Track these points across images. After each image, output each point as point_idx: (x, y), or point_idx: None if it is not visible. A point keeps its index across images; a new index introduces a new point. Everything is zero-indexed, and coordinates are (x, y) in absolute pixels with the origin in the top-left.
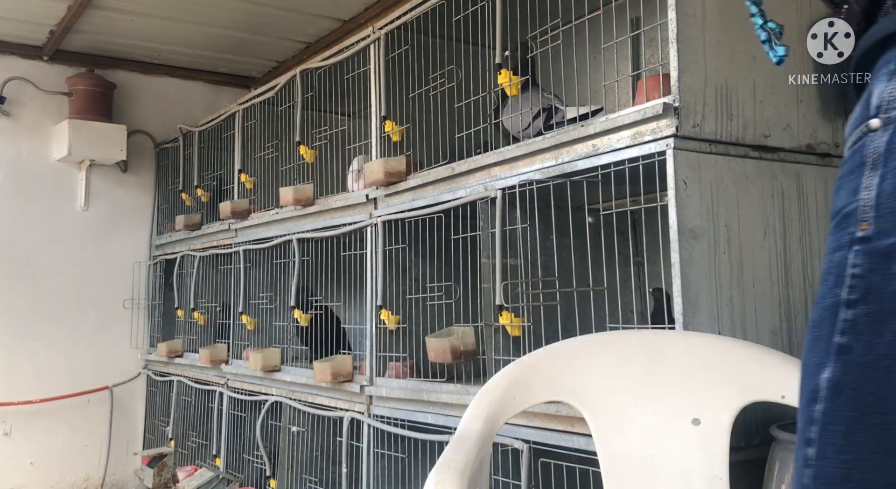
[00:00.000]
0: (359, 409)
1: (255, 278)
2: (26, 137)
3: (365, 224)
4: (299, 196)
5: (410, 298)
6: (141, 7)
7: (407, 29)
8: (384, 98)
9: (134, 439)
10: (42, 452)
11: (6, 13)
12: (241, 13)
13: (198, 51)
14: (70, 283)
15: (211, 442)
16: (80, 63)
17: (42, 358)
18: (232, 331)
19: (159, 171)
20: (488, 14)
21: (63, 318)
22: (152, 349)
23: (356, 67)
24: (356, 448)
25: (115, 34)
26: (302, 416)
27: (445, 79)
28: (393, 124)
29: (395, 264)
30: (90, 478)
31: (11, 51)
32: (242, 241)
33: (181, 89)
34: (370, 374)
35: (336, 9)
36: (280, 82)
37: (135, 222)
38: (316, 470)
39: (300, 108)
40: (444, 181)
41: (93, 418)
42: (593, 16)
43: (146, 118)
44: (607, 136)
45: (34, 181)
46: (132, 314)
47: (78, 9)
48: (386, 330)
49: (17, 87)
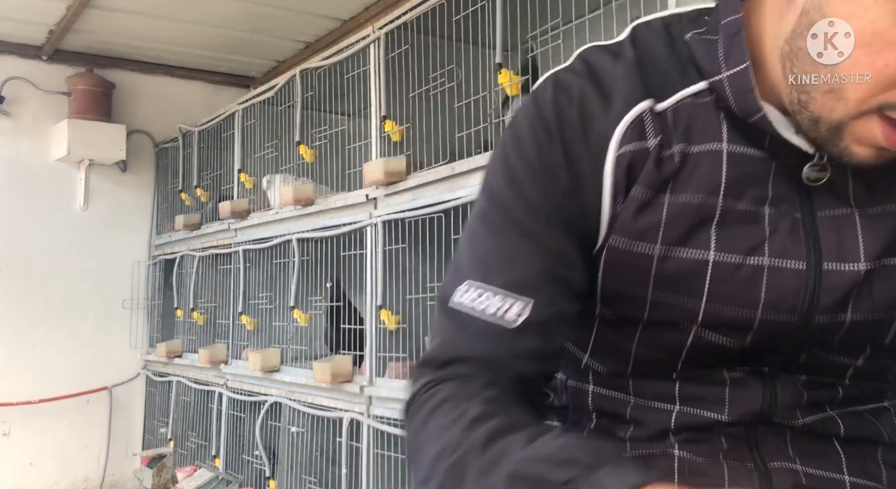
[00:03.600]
0: (358, 410)
1: (254, 278)
2: (25, 137)
3: (365, 224)
4: (299, 196)
5: (410, 298)
6: (141, 7)
7: (407, 29)
8: (384, 98)
9: (133, 440)
10: (41, 453)
11: (6, 13)
12: (241, 13)
13: (197, 50)
14: (69, 283)
15: (210, 442)
16: (79, 63)
17: (41, 358)
18: (231, 331)
19: (159, 171)
20: (488, 14)
21: (62, 318)
22: (151, 349)
23: (356, 67)
24: (356, 448)
25: (114, 34)
26: (301, 417)
27: (445, 79)
28: (393, 124)
29: (395, 264)
30: (89, 479)
31: (11, 50)
32: (242, 241)
33: (181, 89)
34: (370, 375)
35: (336, 9)
36: (280, 82)
37: (134, 222)
38: (316, 470)
39: (300, 107)
40: (444, 181)
41: (92, 419)
42: (593, 15)
43: (146, 118)
44: None
45: (33, 181)
46: (131, 314)
47: (77, 8)
48: (386, 330)
49: (16, 86)
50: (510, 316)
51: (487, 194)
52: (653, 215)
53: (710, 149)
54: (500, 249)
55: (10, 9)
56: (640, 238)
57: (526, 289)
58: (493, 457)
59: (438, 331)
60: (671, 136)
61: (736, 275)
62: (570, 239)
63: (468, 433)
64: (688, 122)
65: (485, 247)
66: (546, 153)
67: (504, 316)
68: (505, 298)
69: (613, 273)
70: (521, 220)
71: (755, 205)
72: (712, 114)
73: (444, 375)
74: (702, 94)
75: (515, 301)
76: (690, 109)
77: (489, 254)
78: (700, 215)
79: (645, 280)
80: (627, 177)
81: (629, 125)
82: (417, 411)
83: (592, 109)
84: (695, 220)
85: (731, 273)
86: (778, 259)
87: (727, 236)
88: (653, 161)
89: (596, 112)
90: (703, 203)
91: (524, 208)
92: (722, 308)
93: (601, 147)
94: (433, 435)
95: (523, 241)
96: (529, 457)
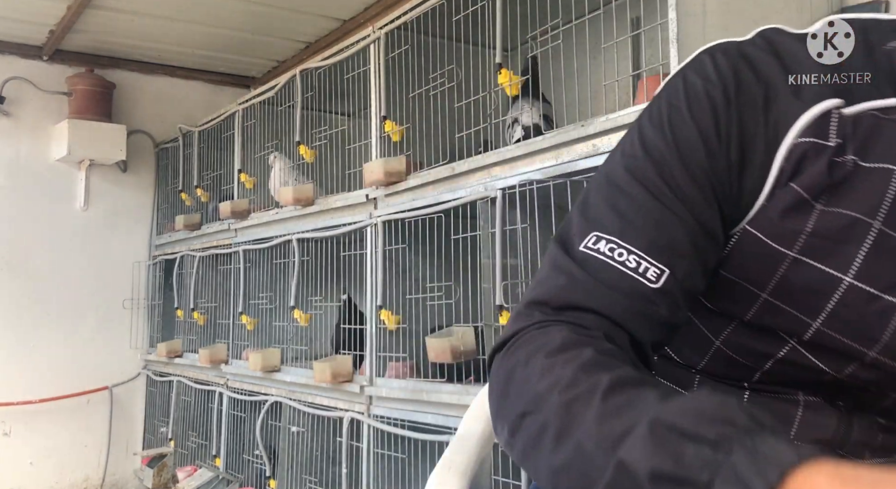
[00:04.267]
0: (359, 410)
1: (254, 278)
2: (26, 137)
3: (365, 224)
4: (299, 196)
5: (410, 298)
6: (141, 7)
7: (407, 29)
8: (384, 98)
9: (133, 439)
10: (42, 452)
11: (6, 13)
12: (241, 13)
13: (198, 50)
14: (70, 283)
15: (211, 442)
16: (79, 63)
17: (41, 358)
18: (231, 331)
19: (159, 171)
20: (488, 14)
21: (63, 318)
22: (152, 349)
23: (356, 67)
24: (356, 448)
25: (114, 34)
26: (302, 417)
27: (445, 79)
28: (393, 124)
29: (395, 264)
30: (90, 479)
31: (11, 50)
32: (242, 241)
33: (181, 89)
34: (370, 374)
35: (336, 9)
36: (280, 82)
37: (134, 222)
38: (316, 470)
39: (300, 107)
40: (444, 181)
41: (92, 418)
42: (593, 16)
43: (146, 118)
44: (608, 135)
45: (34, 181)
46: (132, 314)
47: (78, 8)
48: (386, 330)
49: (16, 86)
50: (651, 275)
51: (640, 147)
52: (801, 220)
53: (884, 167)
54: (648, 208)
55: (11, 9)
56: (780, 236)
57: (667, 256)
58: (620, 403)
59: (556, 273)
60: (848, 143)
61: (866, 307)
62: (720, 214)
63: (586, 376)
64: (868, 135)
65: (628, 203)
66: (720, 119)
67: (645, 274)
68: (642, 259)
69: (737, 262)
70: (676, 181)
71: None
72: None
73: (561, 318)
74: (891, 111)
75: (652, 266)
76: (874, 122)
77: (632, 210)
78: (850, 233)
79: (767, 280)
80: (795, 170)
81: (816, 118)
82: (521, 347)
83: (777, 89)
84: (843, 237)
85: (863, 302)
86: None
87: (873, 264)
88: (826, 162)
89: (781, 93)
90: (857, 221)
91: (682, 168)
92: (835, 334)
93: (780, 131)
94: (539, 370)
95: (676, 204)
96: (676, 409)
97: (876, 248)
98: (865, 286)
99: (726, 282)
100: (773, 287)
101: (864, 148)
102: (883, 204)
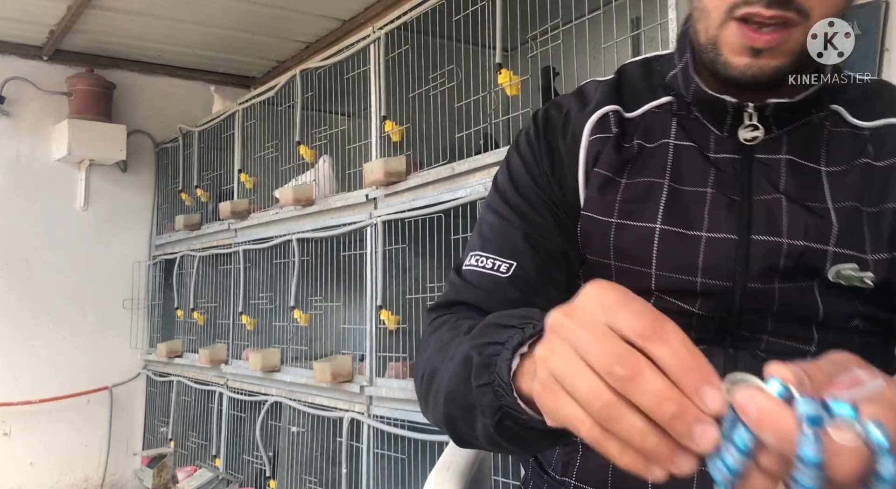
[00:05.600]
0: (359, 410)
1: (254, 278)
2: (26, 137)
3: (365, 224)
4: (299, 196)
5: (410, 298)
6: (141, 7)
7: (407, 29)
8: (384, 98)
9: (133, 439)
10: (42, 452)
11: (6, 13)
12: (241, 13)
13: (198, 51)
14: (70, 283)
15: (211, 442)
16: (79, 63)
17: (42, 358)
18: (231, 331)
19: (159, 171)
20: (488, 14)
21: (63, 318)
22: (152, 349)
23: (356, 67)
24: (356, 448)
25: (114, 34)
26: (302, 417)
27: (445, 79)
28: (393, 124)
29: (395, 264)
30: (90, 479)
31: (11, 51)
32: (242, 241)
33: (181, 89)
34: (370, 375)
35: (336, 9)
36: (280, 82)
37: (134, 222)
38: (316, 470)
39: (300, 107)
40: (444, 181)
41: (92, 418)
42: (593, 15)
43: (146, 118)
44: None
45: (34, 181)
46: (132, 314)
47: (78, 9)
48: (386, 330)
49: (16, 86)
50: (502, 269)
51: (493, 187)
52: (612, 192)
53: (662, 143)
54: (495, 225)
55: (11, 9)
56: (603, 211)
57: (511, 254)
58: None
59: (449, 287)
60: (633, 133)
61: (679, 243)
62: (553, 213)
63: (459, 332)
64: (648, 126)
65: (486, 227)
66: (534, 146)
67: (498, 270)
68: (496, 260)
69: (585, 243)
70: (512, 201)
71: (699, 188)
72: (668, 119)
73: (448, 312)
74: (664, 106)
75: (503, 262)
76: (652, 116)
77: (488, 230)
78: (650, 194)
79: (607, 249)
80: (595, 160)
81: (597, 121)
82: (428, 336)
83: (572, 115)
84: (645, 198)
85: (675, 240)
86: (713, 232)
87: (673, 212)
88: (613, 147)
89: (574, 116)
90: (653, 184)
91: (514, 192)
92: (669, 273)
93: (576, 139)
94: (434, 342)
95: (512, 216)
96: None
97: (671, 199)
98: (673, 228)
99: (590, 263)
100: (614, 252)
101: (646, 134)
102: (667, 168)
